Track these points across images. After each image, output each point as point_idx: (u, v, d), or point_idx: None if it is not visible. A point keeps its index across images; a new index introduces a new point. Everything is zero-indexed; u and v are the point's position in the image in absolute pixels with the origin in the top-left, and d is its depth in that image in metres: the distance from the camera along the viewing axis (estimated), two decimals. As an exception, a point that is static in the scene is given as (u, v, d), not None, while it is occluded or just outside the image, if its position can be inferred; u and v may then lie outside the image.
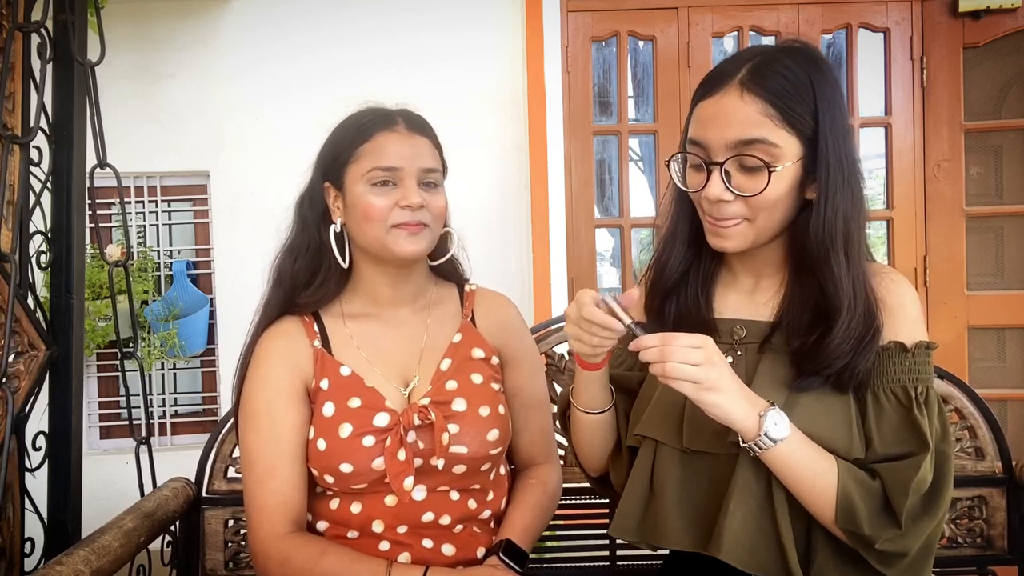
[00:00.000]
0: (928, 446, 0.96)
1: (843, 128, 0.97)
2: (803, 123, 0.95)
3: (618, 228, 3.01)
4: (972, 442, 1.57)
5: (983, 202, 2.95)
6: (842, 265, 0.97)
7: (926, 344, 1.01)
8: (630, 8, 2.92)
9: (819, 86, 0.96)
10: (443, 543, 1.16)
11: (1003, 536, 1.55)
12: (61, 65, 1.50)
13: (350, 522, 1.16)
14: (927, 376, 1.01)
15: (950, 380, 1.57)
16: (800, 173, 0.97)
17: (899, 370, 1.00)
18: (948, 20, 2.88)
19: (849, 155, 0.98)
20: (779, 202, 0.97)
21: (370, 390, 1.17)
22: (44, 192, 1.48)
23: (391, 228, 1.14)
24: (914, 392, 0.99)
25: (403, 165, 1.14)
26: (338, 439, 1.13)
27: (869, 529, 0.94)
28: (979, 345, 2.94)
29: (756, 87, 0.95)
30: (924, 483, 0.95)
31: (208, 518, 1.55)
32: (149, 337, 2.84)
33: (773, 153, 0.95)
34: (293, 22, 2.95)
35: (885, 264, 1.04)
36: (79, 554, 1.18)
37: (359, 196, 1.15)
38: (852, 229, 0.98)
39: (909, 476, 0.94)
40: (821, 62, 0.99)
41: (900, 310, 1.01)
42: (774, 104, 0.94)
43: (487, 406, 1.19)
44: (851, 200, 0.98)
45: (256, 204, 2.94)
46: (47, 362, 1.42)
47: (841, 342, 0.96)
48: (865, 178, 1.02)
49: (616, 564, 1.59)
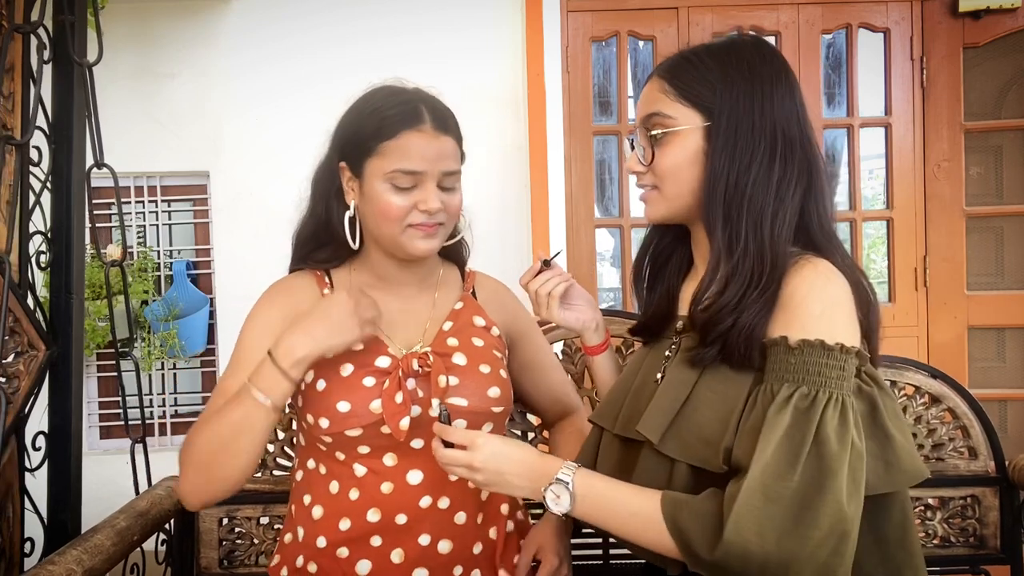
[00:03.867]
0: (751, 453, 0.88)
1: (757, 104, 1.00)
2: (700, 96, 1.02)
3: (618, 228, 3.01)
4: (965, 441, 1.57)
5: (983, 202, 2.95)
6: (729, 228, 0.98)
7: (820, 343, 0.91)
8: (630, 8, 2.92)
9: (727, 65, 1.02)
10: (441, 537, 1.15)
11: (996, 535, 1.56)
12: (60, 65, 1.50)
13: (347, 509, 1.15)
14: (816, 378, 0.90)
15: (943, 380, 1.58)
16: (703, 144, 1.02)
17: (781, 367, 0.92)
18: (948, 20, 2.88)
19: (764, 129, 0.99)
20: (679, 170, 1.03)
21: (373, 337, 1.17)
22: (44, 192, 1.49)
23: (407, 228, 1.15)
24: (787, 392, 0.90)
25: (426, 169, 1.13)
26: (339, 377, 1.14)
27: (707, 553, 0.87)
28: (979, 345, 2.94)
29: (662, 71, 1.06)
30: (752, 486, 0.86)
31: (202, 516, 1.56)
32: (149, 337, 2.85)
33: (667, 124, 1.03)
34: (293, 22, 2.95)
35: (823, 262, 0.97)
36: (71, 553, 1.18)
37: (378, 193, 1.14)
38: (746, 196, 0.98)
39: (731, 489, 0.88)
40: (746, 49, 1.04)
41: (792, 303, 0.94)
42: (670, 82, 1.04)
43: (488, 365, 1.20)
44: (750, 169, 0.99)
45: (256, 204, 2.94)
46: (47, 362, 1.43)
47: (727, 299, 0.95)
48: (819, 164, 1.02)
49: (609, 563, 1.59)
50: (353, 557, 1.14)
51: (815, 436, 0.88)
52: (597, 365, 1.31)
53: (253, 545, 1.58)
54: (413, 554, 1.14)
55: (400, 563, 1.14)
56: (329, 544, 1.16)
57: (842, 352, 0.91)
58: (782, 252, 0.97)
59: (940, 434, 1.58)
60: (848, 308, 0.95)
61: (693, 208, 1.05)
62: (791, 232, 0.99)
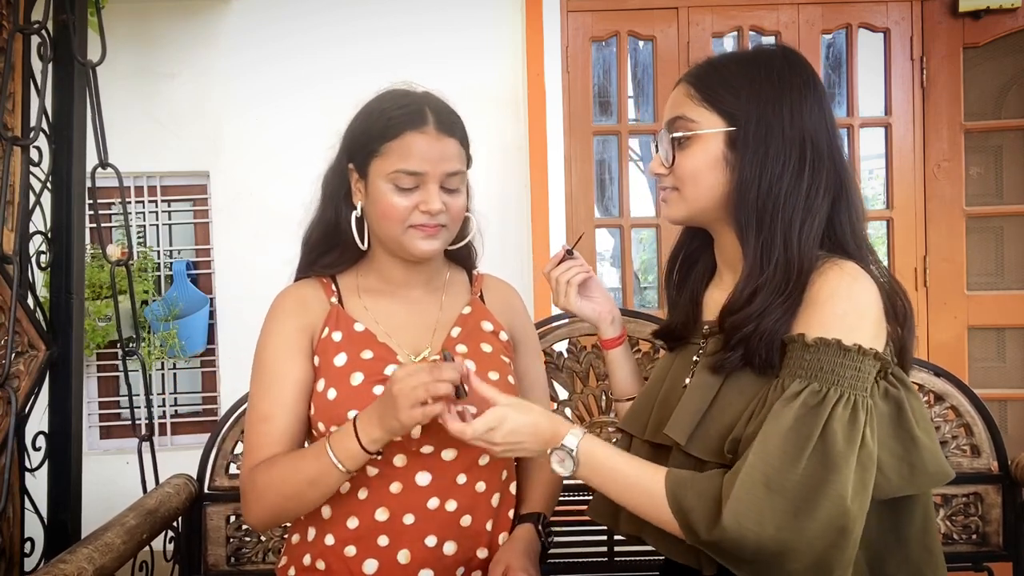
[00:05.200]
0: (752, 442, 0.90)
1: (786, 112, 1.00)
2: (724, 101, 1.02)
3: (618, 228, 3.01)
4: (968, 439, 1.58)
5: (983, 202, 2.95)
6: (763, 236, 0.99)
7: (836, 342, 0.92)
8: (630, 8, 2.92)
9: (755, 73, 1.02)
10: (447, 539, 1.16)
11: (998, 533, 1.56)
12: (61, 65, 1.50)
13: (355, 508, 1.16)
14: (830, 376, 0.91)
15: (946, 378, 1.58)
16: (724, 149, 1.02)
17: (795, 364, 0.93)
18: (948, 20, 2.88)
19: (793, 138, 1.00)
20: (699, 173, 1.04)
21: (382, 345, 1.19)
22: (44, 192, 1.48)
23: (408, 228, 1.16)
24: (798, 388, 0.91)
25: (427, 170, 1.14)
26: (349, 387, 1.15)
27: (706, 533, 0.90)
28: (979, 345, 2.94)
29: (688, 76, 1.07)
30: (753, 474, 0.88)
31: (210, 514, 1.56)
32: (149, 337, 2.85)
33: (689, 128, 1.04)
34: (293, 22, 2.95)
35: (849, 263, 0.97)
36: (82, 551, 1.18)
37: (381, 193, 1.15)
38: (778, 206, 0.99)
39: (738, 467, 0.90)
40: (774, 58, 1.04)
41: (816, 302, 0.95)
42: (696, 87, 1.05)
43: (496, 371, 1.21)
44: (782, 178, 0.99)
45: (256, 204, 2.94)
46: (47, 362, 1.43)
47: (755, 308, 0.97)
48: (849, 172, 1.03)
49: (614, 560, 1.59)
50: (360, 556, 1.15)
51: (822, 432, 0.89)
52: (613, 359, 1.33)
53: (260, 543, 1.59)
54: (419, 555, 1.15)
55: (407, 563, 1.14)
56: (337, 542, 1.16)
57: (859, 353, 0.92)
58: (808, 260, 0.98)
59: (943, 432, 1.58)
60: (873, 311, 0.95)
61: (711, 212, 1.06)
62: (818, 241, 1.00)
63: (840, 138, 1.05)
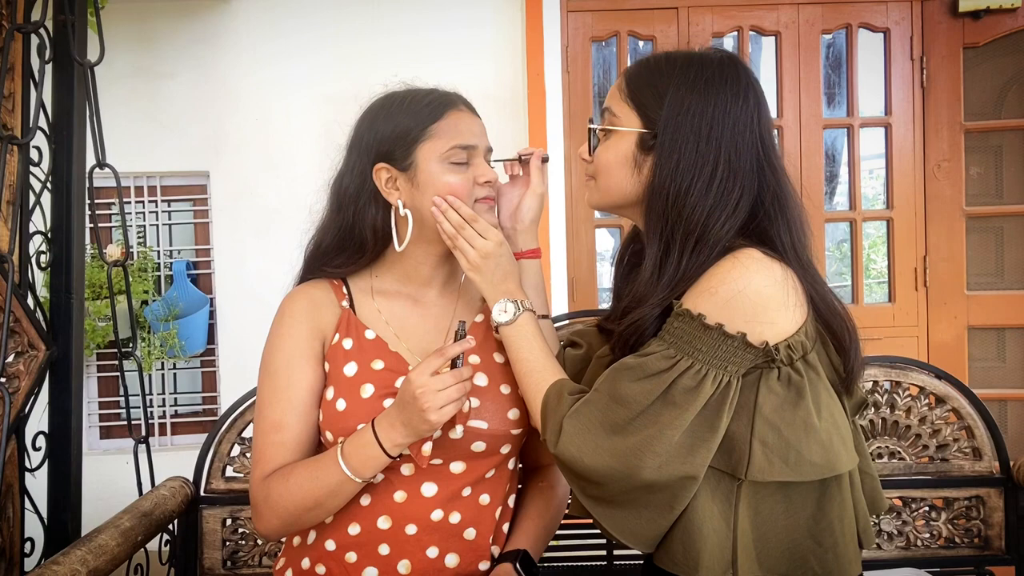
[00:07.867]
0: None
1: (705, 123, 1.00)
2: (646, 103, 1.04)
3: (618, 228, 3.01)
4: (970, 442, 1.57)
5: (983, 202, 2.95)
6: (662, 244, 1.01)
7: (699, 317, 0.96)
8: (630, 8, 2.92)
9: (682, 77, 1.02)
10: (449, 551, 1.15)
11: (1000, 536, 1.56)
12: (60, 65, 1.50)
13: (358, 514, 1.15)
14: (686, 346, 0.97)
15: (948, 380, 1.57)
16: (635, 150, 1.05)
17: (664, 329, 1.00)
18: (948, 20, 2.88)
19: (708, 150, 1.00)
20: (611, 167, 1.08)
21: (394, 355, 1.18)
22: (44, 192, 1.48)
23: (475, 203, 1.17)
24: (654, 348, 0.99)
25: (477, 143, 1.17)
26: (359, 399, 1.13)
27: (552, 446, 1.02)
28: (979, 345, 2.94)
29: (627, 70, 1.10)
30: (591, 410, 0.99)
31: (206, 517, 1.56)
32: (149, 337, 2.84)
33: (611, 122, 1.08)
34: (293, 22, 2.95)
35: (746, 251, 0.98)
36: (76, 553, 1.18)
37: (436, 175, 1.15)
38: (682, 217, 1.00)
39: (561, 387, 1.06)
40: (709, 65, 1.03)
41: (699, 286, 0.98)
42: (627, 82, 1.08)
43: (508, 384, 1.19)
44: (690, 191, 1.00)
45: (256, 204, 2.93)
46: (47, 362, 1.42)
47: (642, 292, 1.02)
48: (785, 185, 1.03)
49: (613, 564, 1.59)
50: (360, 563, 1.14)
51: (663, 392, 0.95)
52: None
53: (256, 546, 1.58)
54: (420, 566, 1.13)
55: (407, 574, 1.13)
56: (338, 547, 1.15)
57: (721, 335, 0.96)
58: (697, 271, 0.99)
59: (945, 435, 1.57)
60: (761, 298, 0.96)
61: (628, 208, 1.10)
62: (721, 255, 0.99)
63: (775, 149, 1.04)
